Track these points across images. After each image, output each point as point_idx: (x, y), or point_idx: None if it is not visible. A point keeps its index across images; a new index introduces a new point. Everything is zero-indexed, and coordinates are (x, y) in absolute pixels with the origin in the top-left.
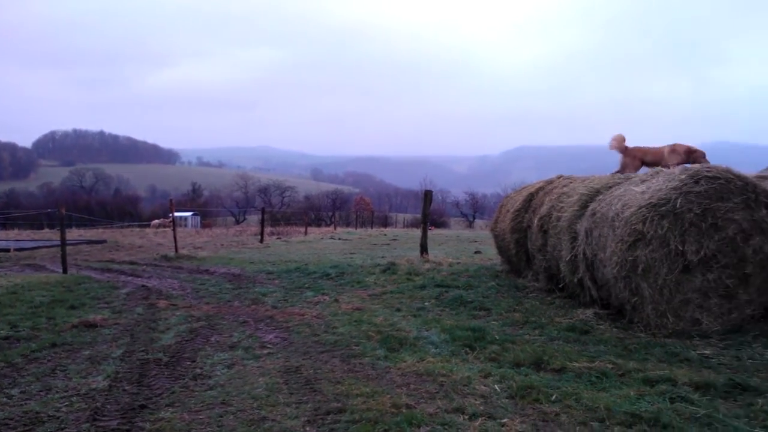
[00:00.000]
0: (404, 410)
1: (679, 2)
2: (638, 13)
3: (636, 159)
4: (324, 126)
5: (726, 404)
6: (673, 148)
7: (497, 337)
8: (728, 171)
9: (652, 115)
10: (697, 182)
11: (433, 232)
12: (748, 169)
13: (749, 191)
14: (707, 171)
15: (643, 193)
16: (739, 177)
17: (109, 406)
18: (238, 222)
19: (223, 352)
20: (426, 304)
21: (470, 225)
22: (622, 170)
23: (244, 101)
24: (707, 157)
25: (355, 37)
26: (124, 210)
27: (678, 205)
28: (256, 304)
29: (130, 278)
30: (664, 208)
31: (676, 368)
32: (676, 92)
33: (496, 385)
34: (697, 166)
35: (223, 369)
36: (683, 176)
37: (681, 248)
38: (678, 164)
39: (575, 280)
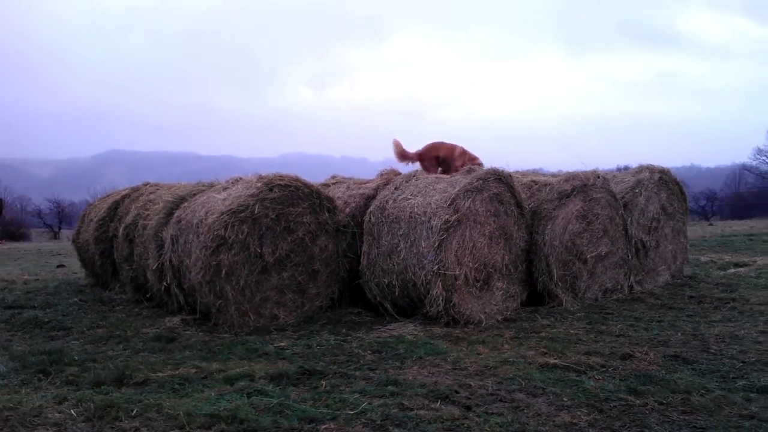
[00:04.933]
0: None
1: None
2: (207, 29)
3: (431, 155)
4: None
5: (297, 390)
6: (462, 151)
7: (77, 358)
8: (297, 179)
9: (234, 125)
10: (271, 189)
11: (7, 246)
12: (315, 177)
13: (314, 197)
14: (279, 179)
15: (224, 200)
16: (306, 185)
17: None
18: None
19: None
20: None
21: (56, 236)
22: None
23: None
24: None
25: None
26: None
27: (256, 211)
28: None
29: None
30: (243, 213)
31: (255, 363)
32: (245, 106)
33: (72, 410)
34: (270, 174)
35: None
36: (259, 184)
37: (259, 250)
38: (461, 165)
39: (163, 288)
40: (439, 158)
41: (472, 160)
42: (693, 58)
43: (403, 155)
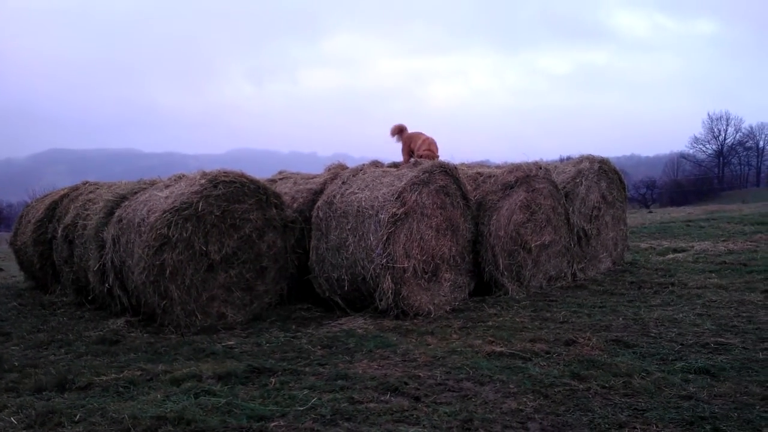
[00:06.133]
0: None
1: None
2: (138, 23)
3: (406, 144)
4: None
5: (245, 389)
6: (426, 144)
7: (17, 364)
8: (243, 175)
9: (176, 121)
10: (215, 186)
11: None
12: (264, 173)
13: (261, 193)
14: (224, 176)
15: (167, 197)
16: (252, 180)
17: None
18: None
19: None
20: None
21: None
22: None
23: None
24: None
25: None
26: None
27: (200, 208)
28: None
29: None
30: (187, 211)
31: (202, 363)
32: (185, 102)
33: (12, 417)
34: (214, 171)
35: None
36: (203, 181)
37: (205, 249)
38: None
39: (105, 289)
40: (411, 146)
41: (429, 152)
42: (619, 52)
43: (400, 130)
